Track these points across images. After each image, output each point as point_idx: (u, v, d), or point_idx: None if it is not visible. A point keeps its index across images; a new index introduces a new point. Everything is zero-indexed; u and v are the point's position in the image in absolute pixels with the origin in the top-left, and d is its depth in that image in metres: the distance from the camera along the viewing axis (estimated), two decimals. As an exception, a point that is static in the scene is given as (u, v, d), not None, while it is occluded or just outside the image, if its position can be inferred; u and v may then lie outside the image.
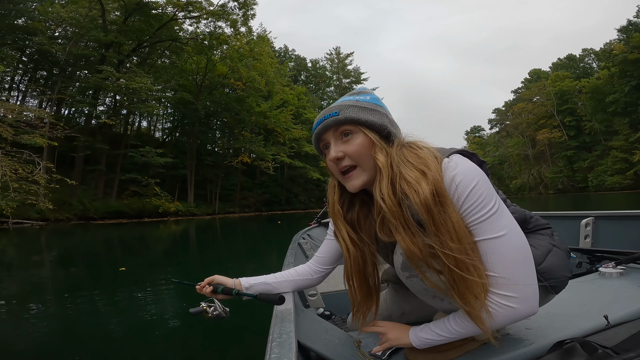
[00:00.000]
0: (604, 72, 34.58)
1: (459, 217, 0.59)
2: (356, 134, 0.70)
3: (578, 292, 1.00)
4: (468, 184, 0.59)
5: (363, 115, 0.69)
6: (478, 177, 0.60)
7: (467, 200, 0.59)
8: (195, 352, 2.10)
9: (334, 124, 0.70)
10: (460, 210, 0.59)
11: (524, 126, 46.05)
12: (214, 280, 0.94)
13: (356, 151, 0.69)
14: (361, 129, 0.69)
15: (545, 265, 0.68)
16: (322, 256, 0.93)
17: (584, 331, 0.72)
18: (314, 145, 0.77)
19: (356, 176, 0.70)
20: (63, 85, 18.70)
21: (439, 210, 0.58)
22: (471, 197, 0.59)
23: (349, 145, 0.69)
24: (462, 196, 0.59)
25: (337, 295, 1.44)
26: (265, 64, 24.28)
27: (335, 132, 0.71)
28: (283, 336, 0.65)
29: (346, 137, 0.70)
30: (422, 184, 0.60)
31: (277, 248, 6.43)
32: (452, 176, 0.60)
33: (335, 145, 0.71)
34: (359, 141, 0.69)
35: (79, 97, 18.66)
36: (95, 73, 17.39)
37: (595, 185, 34.61)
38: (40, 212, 15.21)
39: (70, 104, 20.48)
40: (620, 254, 1.31)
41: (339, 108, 0.71)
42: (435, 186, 0.59)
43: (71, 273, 5.01)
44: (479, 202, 0.59)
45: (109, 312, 3.01)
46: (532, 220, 0.77)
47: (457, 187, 0.59)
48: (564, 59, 46.65)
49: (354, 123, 0.69)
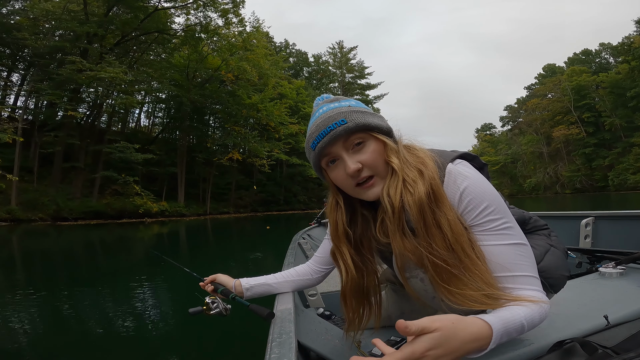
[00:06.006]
0: (624, 66, 34.36)
1: (454, 216, 0.61)
2: (367, 141, 0.68)
3: (578, 292, 1.03)
4: (482, 198, 0.62)
5: (370, 120, 0.68)
6: (489, 189, 0.63)
7: (483, 211, 0.61)
8: (195, 352, 2.16)
9: (345, 133, 0.66)
10: (473, 221, 0.62)
11: (539, 123, 45.83)
12: (216, 279, 0.99)
13: (373, 159, 0.67)
14: (371, 135, 0.68)
15: (543, 265, 0.72)
16: (322, 256, 0.97)
17: (584, 331, 0.74)
18: (313, 162, 0.72)
19: (376, 184, 0.68)
20: (37, 78, 18.50)
21: (433, 210, 0.61)
22: (488, 208, 0.61)
23: (363, 154, 0.67)
24: (476, 209, 0.62)
25: (337, 295, 1.47)
26: (259, 54, 23.80)
27: (345, 142, 0.67)
28: (283, 336, 0.67)
29: (358, 146, 0.67)
30: (418, 183, 0.62)
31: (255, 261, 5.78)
32: (461, 189, 0.62)
33: (349, 157, 0.67)
34: (372, 148, 0.67)
35: (48, 91, 17.86)
36: (67, 64, 17.01)
37: (616, 184, 34.39)
38: (10, 212, 15.32)
39: (38, 97, 20.02)
40: (620, 254, 1.35)
41: (342, 115, 0.67)
42: (432, 185, 0.62)
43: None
44: (495, 213, 0.62)
45: (100, 313, 3.04)
46: (530, 221, 0.81)
47: (470, 201, 0.62)
48: (580, 54, 46.31)
49: (365, 130, 0.67)
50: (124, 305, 3.29)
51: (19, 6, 18.52)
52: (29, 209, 16.25)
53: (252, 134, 25.43)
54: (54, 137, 18.23)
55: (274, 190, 29.82)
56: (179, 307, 3.08)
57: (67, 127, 19.14)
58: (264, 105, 24.75)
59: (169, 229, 14.04)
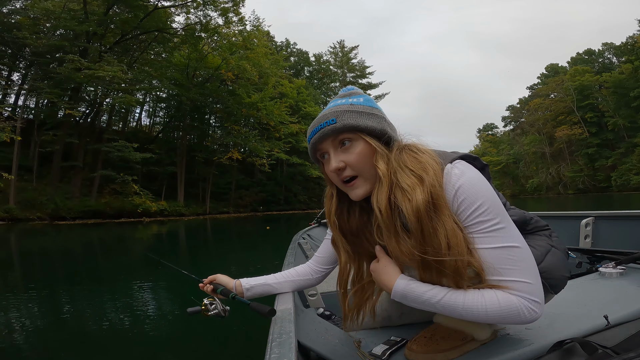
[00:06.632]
0: (627, 66, 34.33)
1: (453, 226, 0.60)
2: (356, 142, 0.69)
3: (578, 292, 1.04)
4: (475, 198, 0.61)
5: (362, 121, 0.69)
6: (484, 188, 0.62)
7: (475, 212, 0.60)
8: (195, 352, 2.17)
9: (332, 132, 0.69)
10: (466, 222, 0.61)
11: (541, 123, 45.78)
12: (216, 279, 0.99)
13: (357, 160, 0.68)
14: (361, 136, 0.69)
15: (544, 265, 0.72)
16: (322, 256, 0.98)
17: (584, 331, 0.75)
18: (310, 154, 0.77)
19: (359, 185, 0.70)
20: (36, 77, 18.54)
21: (431, 218, 0.60)
22: (480, 208, 0.60)
23: (349, 154, 0.69)
24: (469, 208, 0.61)
25: (337, 295, 1.48)
26: (259, 53, 23.86)
27: (334, 140, 0.70)
28: (283, 336, 0.67)
29: (345, 146, 0.70)
30: (416, 191, 0.61)
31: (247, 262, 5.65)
32: (456, 187, 0.61)
33: (335, 155, 0.70)
34: (359, 149, 0.69)
35: (47, 89, 17.75)
36: (66, 64, 17.04)
37: (619, 184, 34.36)
38: (8, 211, 15.40)
39: (38, 96, 20.02)
40: (620, 254, 1.36)
41: (335, 115, 0.70)
42: (432, 193, 0.61)
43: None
44: (487, 213, 0.60)
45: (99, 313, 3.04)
46: (531, 222, 0.81)
47: (464, 200, 0.61)
48: (583, 54, 46.27)
49: (353, 131, 0.69)
50: (123, 305, 3.30)
51: (19, 5, 18.53)
52: (27, 208, 16.28)
53: (253, 133, 25.41)
54: (52, 136, 18.26)
55: (275, 189, 29.76)
56: (178, 307, 3.08)
57: (66, 126, 19.19)
58: (264, 105, 24.75)
59: (168, 229, 14.04)
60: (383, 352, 0.77)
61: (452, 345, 0.73)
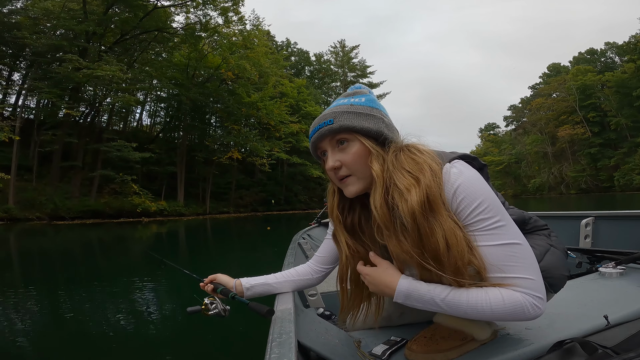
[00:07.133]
0: (630, 65, 34.26)
1: (452, 225, 0.61)
2: (352, 142, 0.72)
3: (578, 292, 1.05)
4: (474, 196, 0.61)
5: (358, 122, 0.71)
6: (483, 187, 0.63)
7: (475, 210, 0.61)
8: (195, 352, 2.17)
9: (329, 132, 0.72)
10: (466, 220, 0.62)
11: (543, 122, 45.71)
12: (216, 279, 1.00)
13: (352, 160, 0.71)
14: (357, 137, 0.71)
15: (543, 265, 0.72)
16: (322, 256, 0.99)
17: (584, 331, 0.76)
18: (311, 152, 0.80)
19: (351, 183, 0.73)
20: (36, 77, 18.51)
21: (428, 219, 0.61)
22: (479, 207, 0.61)
23: (345, 154, 0.72)
24: (468, 207, 0.61)
25: (337, 295, 1.49)
26: (259, 52, 23.86)
27: (332, 140, 0.74)
28: (283, 336, 0.67)
29: (342, 145, 0.73)
30: (412, 192, 0.62)
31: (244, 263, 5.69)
32: (455, 186, 0.62)
33: (332, 154, 0.74)
34: (355, 150, 0.71)
35: (46, 89, 17.68)
36: (66, 63, 17.09)
37: (622, 184, 34.30)
38: (7, 211, 15.46)
39: (39, 95, 19.89)
40: (620, 254, 1.37)
41: (333, 115, 0.73)
42: (428, 194, 0.62)
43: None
44: (487, 211, 0.61)
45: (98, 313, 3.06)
46: (530, 222, 0.82)
47: (463, 199, 0.62)
48: (585, 53, 46.20)
49: (350, 131, 0.71)
50: (123, 305, 3.31)
51: (19, 5, 18.56)
52: (27, 207, 16.32)
53: (253, 133, 25.40)
54: (52, 136, 18.29)
55: (275, 189, 29.71)
56: (178, 307, 3.09)
57: (66, 125, 19.21)
58: (264, 104, 24.77)
59: (168, 229, 14.06)
60: (383, 352, 0.77)
61: (452, 345, 0.73)
